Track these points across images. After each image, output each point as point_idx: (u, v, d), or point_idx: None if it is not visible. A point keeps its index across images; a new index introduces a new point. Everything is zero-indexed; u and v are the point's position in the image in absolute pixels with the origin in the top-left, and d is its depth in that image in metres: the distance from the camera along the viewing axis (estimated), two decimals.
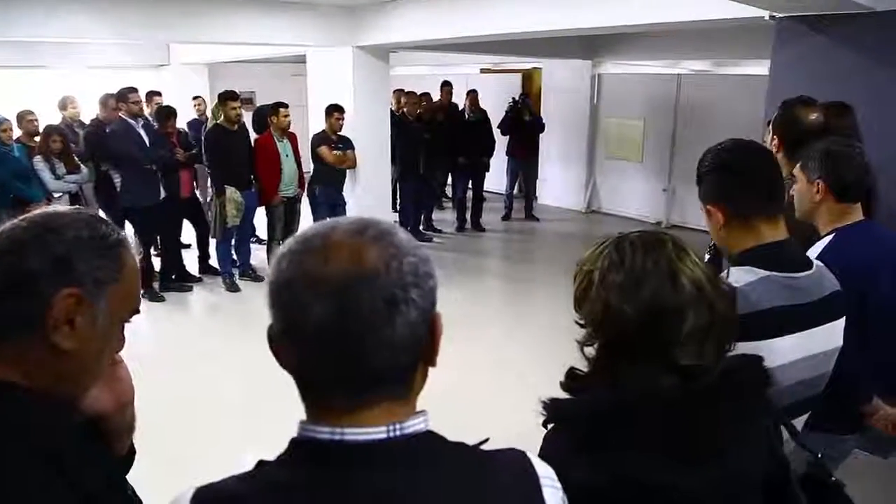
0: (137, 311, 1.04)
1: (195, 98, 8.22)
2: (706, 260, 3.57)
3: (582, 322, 1.20)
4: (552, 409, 1.12)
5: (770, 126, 2.67)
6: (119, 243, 0.97)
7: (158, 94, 7.33)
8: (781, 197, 1.60)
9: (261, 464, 0.80)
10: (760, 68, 7.73)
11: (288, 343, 0.77)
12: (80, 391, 0.97)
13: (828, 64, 3.54)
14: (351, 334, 0.74)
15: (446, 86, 8.73)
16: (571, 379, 1.20)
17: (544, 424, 1.16)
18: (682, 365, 1.07)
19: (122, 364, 1.09)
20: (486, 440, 0.88)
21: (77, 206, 1.28)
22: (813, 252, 1.94)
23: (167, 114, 6.08)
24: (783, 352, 1.46)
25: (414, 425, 0.80)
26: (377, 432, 0.77)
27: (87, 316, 0.91)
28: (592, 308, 1.14)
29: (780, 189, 1.60)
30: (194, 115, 8.06)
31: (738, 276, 1.50)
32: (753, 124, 4.01)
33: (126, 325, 1.02)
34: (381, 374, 0.78)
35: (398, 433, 0.78)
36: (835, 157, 2.06)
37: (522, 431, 1.26)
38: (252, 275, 6.65)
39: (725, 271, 1.55)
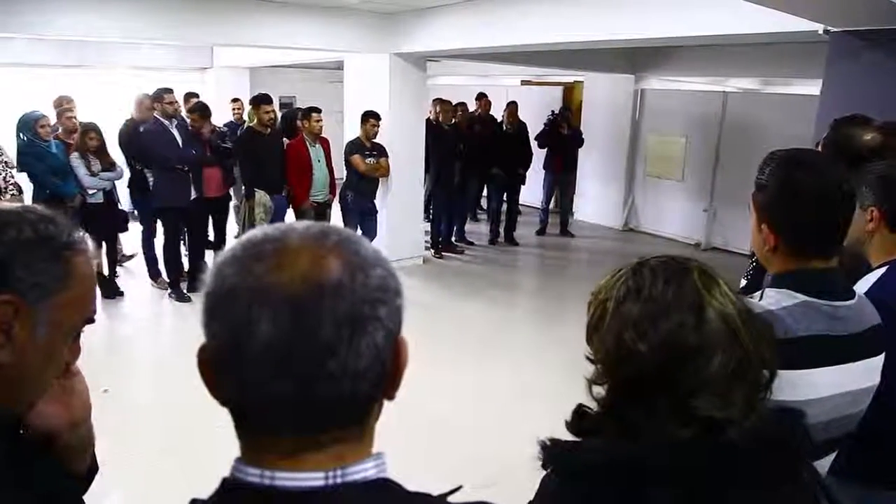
0: (91, 321, 0.94)
1: (234, 101, 8.25)
2: (747, 274, 3.34)
3: (592, 358, 1.05)
4: (550, 454, 0.98)
5: (820, 147, 2.49)
6: (68, 245, 0.87)
7: (196, 95, 7.37)
8: (843, 233, 1.42)
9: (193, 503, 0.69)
10: (809, 88, 7.48)
11: (225, 367, 0.65)
12: (22, 407, 0.89)
13: (883, 81, 3.33)
14: (306, 358, 0.62)
15: (482, 97, 8.63)
16: (579, 418, 1.06)
17: (543, 466, 1.02)
18: (704, 416, 0.92)
19: (78, 376, 1.00)
20: (459, 489, 0.78)
21: (26, 204, 1.19)
22: (863, 285, 1.77)
23: (198, 110, 6.06)
24: (817, 385, 1.32)
25: (361, 471, 0.67)
26: (314, 479, 0.65)
27: (27, 326, 0.82)
28: (603, 343, 1.00)
29: (846, 227, 1.41)
30: (231, 118, 8.08)
31: (775, 299, 1.36)
32: (801, 145, 3.77)
33: (146, 327, 0.91)
34: (335, 408, 0.66)
35: (339, 480, 0.66)
36: (890, 182, 1.87)
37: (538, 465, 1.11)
38: None
39: (760, 292, 1.40)
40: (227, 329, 0.64)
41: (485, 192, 9.33)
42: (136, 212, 6.62)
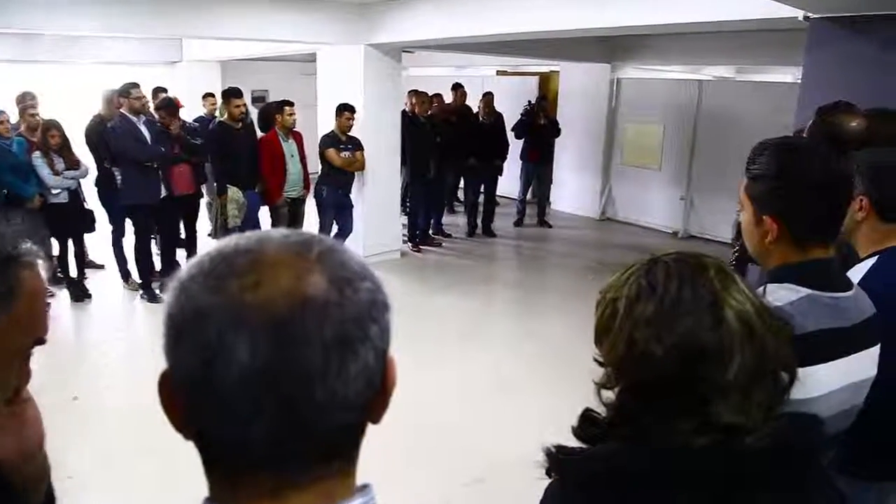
0: (42, 342, 0.85)
1: (208, 95, 8.06)
2: (730, 264, 3.31)
3: (601, 360, 0.98)
4: (557, 461, 0.91)
5: (805, 135, 2.44)
6: (13, 260, 0.78)
7: (164, 90, 7.18)
8: (843, 220, 1.41)
9: None
10: (784, 75, 7.54)
11: (194, 398, 0.56)
12: None
13: (863, 68, 3.30)
14: (290, 387, 0.54)
15: (458, 88, 8.55)
16: (587, 424, 0.99)
17: (548, 473, 0.95)
18: (721, 423, 0.86)
19: (29, 402, 0.91)
20: None
21: None
22: (853, 276, 1.73)
23: (160, 106, 5.89)
24: (825, 380, 1.29)
25: None
26: None
27: None
28: (614, 344, 0.93)
29: (845, 213, 1.41)
30: (202, 113, 7.89)
31: (779, 294, 1.32)
32: (777, 133, 3.74)
33: (117, 329, 0.82)
34: (321, 442, 0.58)
35: None
36: (881, 170, 1.82)
37: (524, 458, 1.04)
38: None
39: (762, 287, 1.35)
40: (197, 356, 0.55)
41: (461, 184, 9.26)
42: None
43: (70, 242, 5.78)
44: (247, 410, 0.54)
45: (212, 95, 7.85)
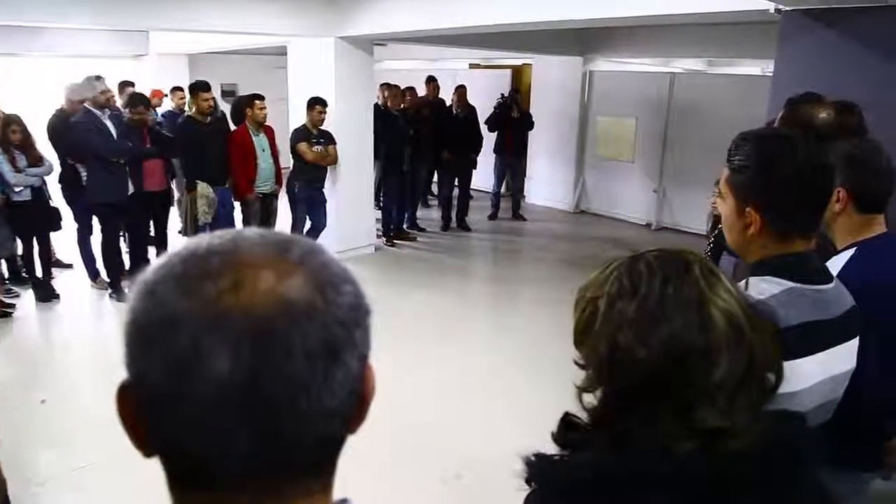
0: None
1: (177, 89, 7.89)
2: (708, 246, 3.30)
3: (582, 363, 0.94)
4: (537, 470, 0.88)
5: (774, 126, 2.44)
6: None
7: (131, 83, 7.03)
8: (825, 211, 1.40)
9: None
10: (754, 68, 7.61)
11: (162, 413, 0.52)
12: None
13: (836, 60, 3.32)
14: (273, 397, 0.50)
15: (431, 81, 8.49)
16: (566, 428, 0.95)
17: (527, 482, 0.92)
18: (707, 428, 0.82)
19: None
20: None
21: None
22: (831, 267, 1.72)
23: (135, 101, 5.74)
24: (807, 374, 1.29)
25: None
26: None
27: None
28: (596, 347, 0.89)
29: (827, 204, 1.40)
30: (170, 108, 7.73)
31: (761, 287, 1.31)
32: (748, 125, 3.76)
33: (86, 330, 0.75)
34: (302, 456, 0.54)
35: None
36: (858, 162, 1.82)
37: (502, 454, 1.01)
38: None
39: (744, 281, 1.34)
40: (168, 367, 0.50)
41: (435, 178, 9.21)
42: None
43: (35, 241, 5.62)
44: (225, 424, 0.50)
45: (180, 89, 7.69)
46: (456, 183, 8.60)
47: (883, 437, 1.83)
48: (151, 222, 6.27)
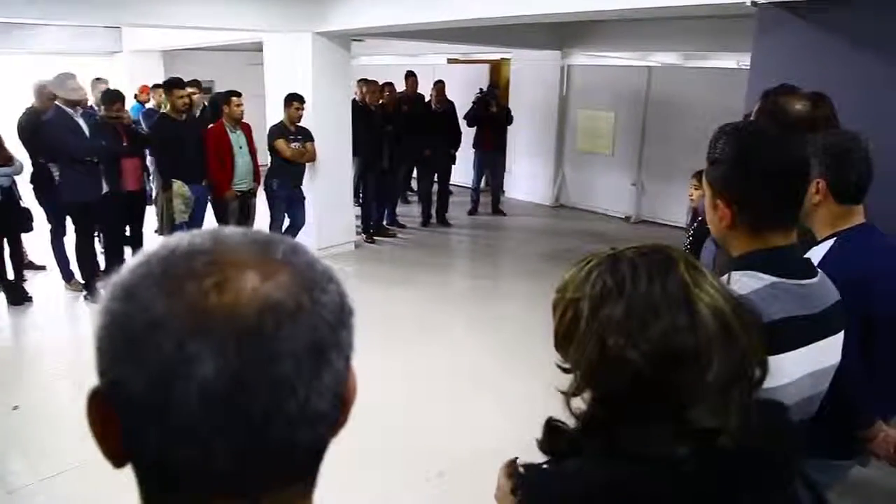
0: None
1: (156, 87, 7.76)
2: (687, 239, 3.31)
3: (566, 367, 0.91)
4: (526, 484, 0.85)
5: (752, 118, 2.45)
6: None
7: (105, 81, 6.90)
8: (801, 207, 1.38)
9: None
10: (728, 62, 7.66)
11: (142, 421, 0.49)
12: None
13: (812, 54, 3.34)
14: (259, 401, 0.48)
15: (410, 76, 8.44)
16: (553, 435, 0.92)
17: (512, 492, 0.90)
18: (701, 427, 0.80)
19: None
20: None
21: None
22: (812, 258, 1.73)
23: (113, 99, 5.64)
24: (791, 369, 1.28)
25: None
26: None
27: None
28: (583, 351, 0.86)
29: (804, 198, 1.38)
30: (151, 105, 7.62)
31: (743, 283, 1.30)
32: (725, 119, 3.75)
33: (60, 333, 0.71)
34: (289, 460, 0.52)
35: None
36: (835, 153, 1.83)
37: (485, 449, 0.99)
38: None
39: (726, 276, 1.33)
40: (151, 373, 0.47)
41: (415, 174, 9.18)
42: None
43: (5, 243, 5.50)
44: (209, 431, 0.48)
45: (160, 87, 7.57)
46: (435, 178, 8.57)
47: (859, 424, 1.84)
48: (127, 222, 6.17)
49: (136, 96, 8.64)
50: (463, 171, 9.45)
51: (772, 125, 2.15)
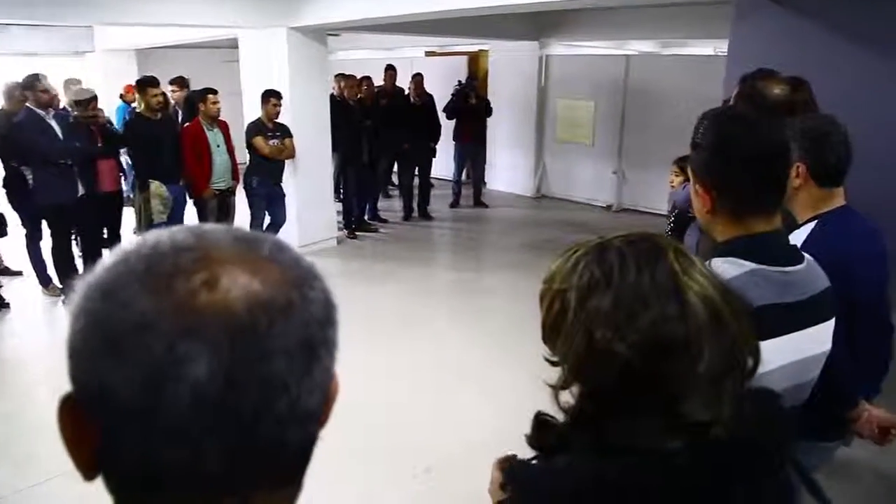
0: None
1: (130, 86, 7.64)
2: (668, 226, 3.31)
3: (554, 359, 0.88)
4: (515, 480, 0.83)
5: (731, 103, 2.45)
6: None
7: (77, 81, 6.78)
8: (784, 191, 1.37)
9: None
10: (705, 48, 7.70)
11: (124, 427, 0.47)
12: None
13: (789, 40, 3.36)
14: (251, 400, 0.46)
15: (389, 69, 8.39)
16: (541, 430, 0.90)
17: (501, 487, 0.88)
18: (694, 420, 0.78)
19: None
20: None
21: None
22: (792, 242, 1.73)
23: (87, 99, 5.54)
24: (771, 356, 1.23)
25: None
26: None
27: None
28: (570, 343, 0.83)
29: (786, 183, 1.37)
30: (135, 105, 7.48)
31: (722, 269, 1.28)
32: (703, 105, 3.76)
33: (39, 339, 0.68)
34: (278, 460, 0.50)
35: None
36: (815, 136, 1.83)
37: (472, 444, 0.97)
38: None
39: (707, 263, 1.32)
40: (138, 376, 0.45)
41: (395, 168, 9.14)
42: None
43: None
44: (199, 430, 0.46)
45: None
46: (416, 172, 8.53)
47: (847, 406, 1.85)
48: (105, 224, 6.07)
49: (121, 96, 8.53)
50: (443, 163, 9.43)
51: (751, 110, 2.16)
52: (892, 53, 3.22)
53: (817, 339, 1.35)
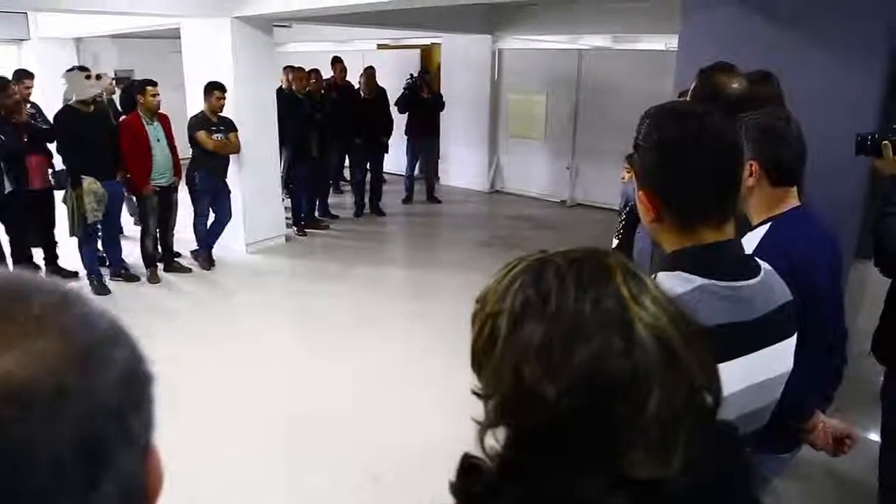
0: None
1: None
2: (617, 233, 3.17)
3: (481, 393, 0.74)
4: None
5: (688, 97, 2.37)
6: None
7: (29, 73, 6.36)
8: (737, 195, 1.21)
9: None
10: (657, 44, 7.72)
11: None
12: None
13: (738, 32, 3.31)
14: None
15: (337, 62, 8.18)
16: (468, 476, 0.74)
17: None
18: (641, 476, 0.65)
19: None
20: None
21: None
22: (747, 243, 1.64)
23: (2, 86, 5.19)
24: (723, 382, 1.13)
25: None
26: None
27: None
28: (496, 378, 0.70)
29: (738, 185, 1.21)
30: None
31: (667, 285, 1.10)
32: (653, 100, 3.70)
33: None
34: None
35: None
36: (769, 134, 1.75)
37: (426, 446, 0.84)
38: (125, 274, 5.96)
39: (652, 276, 1.19)
40: None
41: (347, 163, 8.95)
42: None
43: None
44: None
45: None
46: (368, 167, 8.37)
47: (802, 419, 1.79)
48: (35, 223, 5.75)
49: None
50: (396, 158, 9.27)
51: (709, 104, 2.08)
52: (844, 47, 3.21)
53: (776, 359, 1.22)
